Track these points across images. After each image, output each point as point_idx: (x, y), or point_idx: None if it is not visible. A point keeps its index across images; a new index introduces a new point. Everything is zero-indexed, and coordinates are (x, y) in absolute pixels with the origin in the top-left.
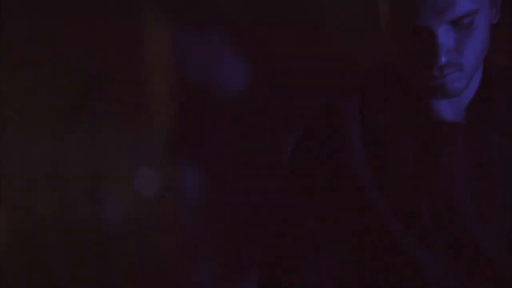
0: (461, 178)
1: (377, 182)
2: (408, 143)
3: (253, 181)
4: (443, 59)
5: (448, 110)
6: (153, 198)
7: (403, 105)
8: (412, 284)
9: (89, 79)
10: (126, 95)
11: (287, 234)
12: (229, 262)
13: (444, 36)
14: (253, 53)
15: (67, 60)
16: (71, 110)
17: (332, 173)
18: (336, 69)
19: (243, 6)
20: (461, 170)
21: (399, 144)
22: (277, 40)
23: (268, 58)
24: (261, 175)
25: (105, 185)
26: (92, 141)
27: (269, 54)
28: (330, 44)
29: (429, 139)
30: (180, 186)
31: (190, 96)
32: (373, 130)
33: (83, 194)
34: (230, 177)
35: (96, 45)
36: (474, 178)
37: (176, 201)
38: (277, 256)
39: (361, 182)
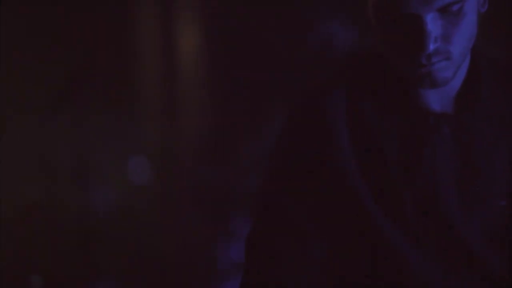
0: (446, 168)
1: (363, 172)
2: (394, 133)
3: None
4: (431, 47)
5: (435, 100)
6: (141, 186)
7: (390, 95)
8: (397, 276)
9: (77, 69)
10: (114, 85)
11: (273, 227)
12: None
13: (433, 23)
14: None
15: (55, 51)
16: (59, 99)
17: (318, 164)
18: None
19: None
20: (447, 160)
21: (386, 134)
22: None
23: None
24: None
25: (93, 173)
26: (80, 130)
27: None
28: None
29: (416, 130)
30: (168, 174)
31: (180, 83)
32: (359, 120)
33: (71, 183)
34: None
35: (85, 36)
36: (460, 168)
37: (165, 190)
38: (264, 248)
39: (347, 173)
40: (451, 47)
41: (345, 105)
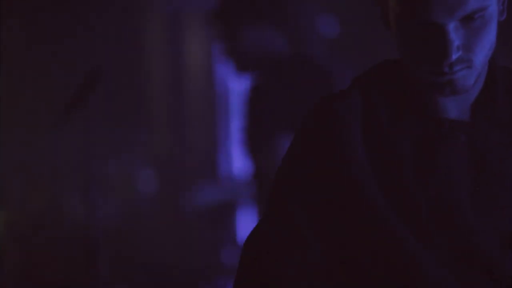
0: (462, 175)
1: (377, 178)
2: (410, 140)
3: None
4: (454, 56)
5: (453, 107)
6: (147, 196)
7: (406, 101)
8: (410, 283)
9: (85, 78)
10: (122, 98)
11: (275, 232)
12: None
13: (455, 32)
14: None
15: (63, 60)
16: (67, 111)
17: (330, 169)
18: None
19: None
20: (463, 167)
21: (401, 140)
22: None
23: None
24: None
25: (100, 184)
26: (87, 142)
27: None
28: None
29: (432, 136)
30: (174, 185)
31: (188, 94)
32: (374, 126)
33: (77, 192)
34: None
35: (94, 45)
36: (475, 176)
37: (171, 200)
38: (262, 251)
39: (361, 179)
40: (473, 56)
41: (361, 111)
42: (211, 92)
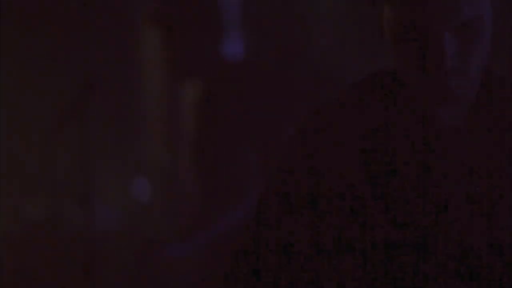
0: (458, 182)
1: (374, 187)
2: (406, 146)
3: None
4: (448, 64)
5: (448, 113)
6: (144, 203)
7: (401, 109)
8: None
9: (83, 84)
10: (119, 101)
11: (264, 229)
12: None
13: (450, 41)
14: None
15: (61, 65)
16: (64, 120)
17: (327, 177)
18: None
19: None
20: (459, 174)
21: (397, 148)
22: None
23: None
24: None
25: (96, 190)
26: (84, 146)
27: None
28: None
29: (428, 143)
30: (174, 191)
31: (185, 102)
32: (370, 133)
33: (73, 199)
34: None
35: (91, 50)
36: (471, 182)
37: (167, 207)
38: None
39: (358, 187)
40: (467, 64)
41: (357, 117)
42: (206, 102)
